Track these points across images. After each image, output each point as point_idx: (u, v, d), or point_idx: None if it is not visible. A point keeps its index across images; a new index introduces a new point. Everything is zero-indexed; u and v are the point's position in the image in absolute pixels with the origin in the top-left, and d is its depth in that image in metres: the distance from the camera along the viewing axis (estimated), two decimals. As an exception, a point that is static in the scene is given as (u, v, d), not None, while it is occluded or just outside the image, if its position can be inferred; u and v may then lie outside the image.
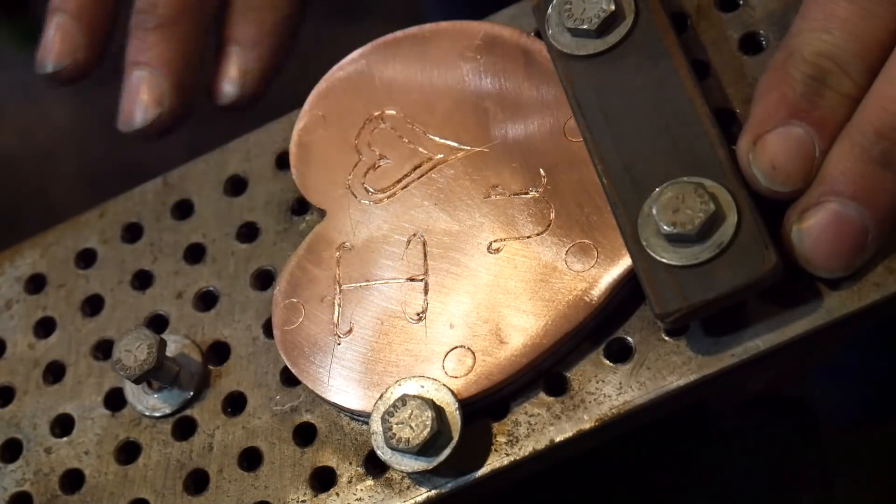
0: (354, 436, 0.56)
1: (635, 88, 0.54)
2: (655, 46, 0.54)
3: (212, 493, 0.57)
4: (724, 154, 0.51)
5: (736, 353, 0.51)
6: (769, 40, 0.56)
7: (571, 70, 0.55)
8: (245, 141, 0.63)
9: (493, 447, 0.53)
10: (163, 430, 0.58)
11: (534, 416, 0.53)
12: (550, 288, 0.54)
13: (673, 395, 0.52)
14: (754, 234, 0.49)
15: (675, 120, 0.53)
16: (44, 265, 0.64)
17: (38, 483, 0.59)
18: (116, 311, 0.62)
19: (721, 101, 0.55)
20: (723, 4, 0.57)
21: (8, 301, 0.64)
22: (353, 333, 0.56)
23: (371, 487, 0.54)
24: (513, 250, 0.55)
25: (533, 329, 0.53)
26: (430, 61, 0.59)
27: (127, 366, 0.56)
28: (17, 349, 0.63)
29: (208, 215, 0.62)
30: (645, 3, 0.55)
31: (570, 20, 0.55)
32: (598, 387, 0.53)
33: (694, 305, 0.49)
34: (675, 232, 0.50)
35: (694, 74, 0.53)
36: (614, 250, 0.53)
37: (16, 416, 0.61)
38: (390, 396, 0.53)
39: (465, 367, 0.53)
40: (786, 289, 0.51)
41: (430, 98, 0.59)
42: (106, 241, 0.64)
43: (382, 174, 0.58)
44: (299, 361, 0.56)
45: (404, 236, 0.57)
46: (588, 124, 0.54)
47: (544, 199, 0.55)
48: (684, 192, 0.50)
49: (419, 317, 0.55)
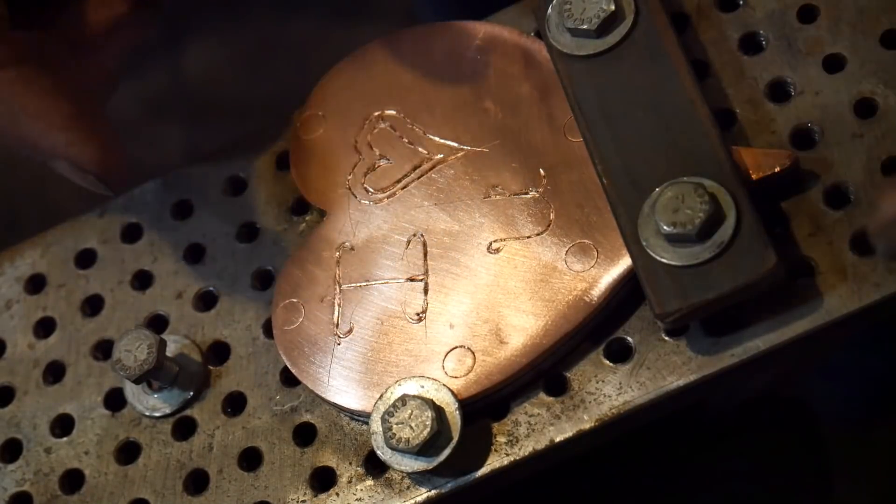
0: (354, 436, 0.56)
1: (635, 88, 0.54)
2: (655, 46, 0.54)
3: (212, 493, 0.57)
4: (724, 154, 0.51)
5: (736, 353, 0.51)
6: (769, 40, 0.56)
7: (571, 70, 0.55)
8: (245, 141, 0.63)
9: (493, 447, 0.53)
10: (163, 430, 0.58)
11: (534, 416, 0.53)
12: (550, 288, 0.54)
13: (673, 395, 0.52)
14: (754, 234, 0.49)
15: (675, 120, 0.53)
16: (44, 265, 0.64)
17: (38, 483, 0.59)
18: (116, 311, 0.62)
19: (721, 101, 0.55)
20: (723, 4, 0.57)
21: (8, 301, 0.64)
22: (353, 333, 0.56)
23: (371, 487, 0.54)
24: (513, 250, 0.55)
25: (533, 329, 0.53)
26: (430, 61, 0.59)
27: (127, 366, 0.56)
28: (17, 349, 0.62)
29: (208, 215, 0.62)
30: (645, 3, 0.55)
31: (570, 20, 0.55)
32: (598, 387, 0.53)
33: (694, 305, 0.49)
34: (675, 232, 0.50)
35: (694, 74, 0.53)
36: (614, 250, 0.53)
37: (16, 416, 0.61)
38: (390, 396, 0.53)
39: (465, 367, 0.53)
40: (786, 289, 0.51)
41: (430, 98, 0.59)
42: (106, 241, 0.64)
43: (382, 174, 0.58)
44: (299, 361, 0.56)
45: (404, 236, 0.57)
46: (588, 124, 0.54)
47: (544, 199, 0.55)
48: (684, 192, 0.50)
49: (419, 317, 0.55)
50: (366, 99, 0.60)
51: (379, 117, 0.59)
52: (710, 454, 0.71)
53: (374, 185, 0.58)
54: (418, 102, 0.59)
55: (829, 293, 0.51)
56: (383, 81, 0.60)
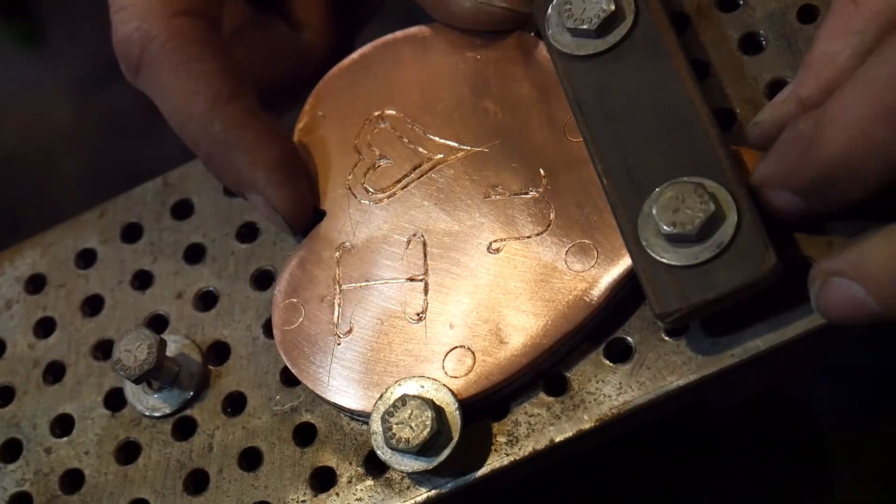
0: (354, 436, 0.56)
1: (635, 88, 0.54)
2: (655, 46, 0.54)
3: (212, 493, 0.57)
4: (724, 154, 0.51)
5: (736, 353, 0.51)
6: (769, 40, 0.56)
7: (571, 70, 0.55)
8: (245, 141, 0.63)
9: (493, 447, 0.53)
10: (163, 430, 0.58)
11: (534, 416, 0.53)
12: (550, 288, 0.54)
13: (673, 395, 0.52)
14: (754, 234, 0.49)
15: (675, 120, 0.52)
16: (44, 265, 0.64)
17: (38, 483, 0.59)
18: (116, 311, 0.62)
19: (721, 101, 0.55)
20: (723, 4, 0.57)
21: (8, 301, 0.64)
22: (353, 333, 0.56)
23: (371, 487, 0.54)
24: (513, 250, 0.55)
25: (533, 329, 0.53)
26: (430, 61, 0.59)
27: (127, 366, 0.56)
28: (17, 349, 0.63)
29: (208, 215, 0.62)
30: (645, 3, 0.55)
31: (570, 20, 0.55)
32: (598, 387, 0.53)
33: (694, 305, 0.49)
34: (675, 232, 0.50)
35: (694, 74, 0.53)
36: (614, 250, 0.53)
37: (16, 416, 0.61)
38: (390, 396, 0.53)
39: (465, 367, 0.53)
40: (786, 289, 0.51)
41: (430, 98, 0.59)
42: (106, 241, 0.64)
43: (382, 174, 0.58)
44: (299, 361, 0.56)
45: (404, 236, 0.57)
46: (588, 124, 0.54)
47: (544, 199, 0.55)
48: (684, 192, 0.50)
49: (419, 317, 0.55)
50: (366, 99, 0.60)
51: (379, 117, 0.59)
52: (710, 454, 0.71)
53: (374, 185, 0.58)
54: (418, 102, 0.59)
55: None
56: (383, 81, 0.60)
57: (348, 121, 0.60)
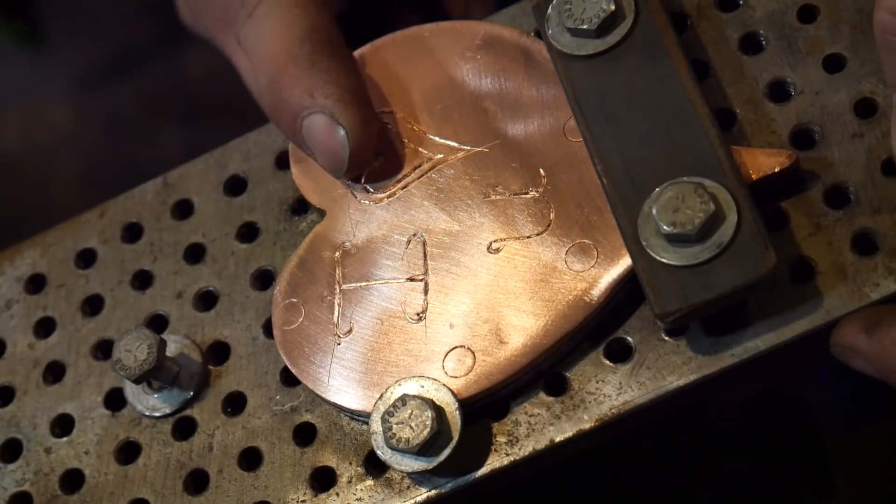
0: (354, 436, 0.56)
1: (635, 88, 0.54)
2: (655, 46, 0.54)
3: (212, 493, 0.57)
4: (724, 154, 0.51)
5: (736, 353, 0.51)
6: (769, 40, 0.56)
7: (571, 70, 0.55)
8: (245, 141, 0.63)
9: (493, 447, 0.53)
10: (163, 430, 0.58)
11: (534, 416, 0.53)
12: (550, 288, 0.54)
13: (673, 395, 0.52)
14: (754, 234, 0.49)
15: (675, 120, 0.53)
16: (44, 265, 0.64)
17: (38, 483, 0.59)
18: (116, 311, 0.62)
19: (721, 101, 0.55)
20: (723, 4, 0.57)
21: (8, 301, 0.64)
22: (353, 333, 0.56)
23: (371, 487, 0.54)
24: (513, 250, 0.55)
25: (533, 329, 0.53)
26: (429, 61, 0.59)
27: (127, 366, 0.56)
28: (17, 349, 0.63)
29: (208, 215, 0.62)
30: (645, 3, 0.55)
31: (570, 20, 0.55)
32: (598, 387, 0.53)
33: (694, 305, 0.49)
34: (675, 232, 0.50)
35: (694, 74, 0.53)
36: (614, 250, 0.53)
37: (16, 416, 0.61)
38: (390, 396, 0.53)
39: (465, 367, 0.53)
40: (786, 289, 0.51)
41: (430, 98, 0.59)
42: (106, 241, 0.64)
43: (382, 174, 0.58)
44: (299, 361, 0.56)
45: (404, 236, 0.57)
46: (588, 124, 0.54)
47: (544, 199, 0.55)
48: (684, 192, 0.50)
49: (419, 317, 0.55)
50: (366, 99, 0.60)
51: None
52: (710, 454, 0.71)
53: (374, 185, 0.58)
54: (418, 102, 0.59)
55: (829, 293, 0.51)
56: (383, 81, 0.60)
57: (348, 121, 0.60)
